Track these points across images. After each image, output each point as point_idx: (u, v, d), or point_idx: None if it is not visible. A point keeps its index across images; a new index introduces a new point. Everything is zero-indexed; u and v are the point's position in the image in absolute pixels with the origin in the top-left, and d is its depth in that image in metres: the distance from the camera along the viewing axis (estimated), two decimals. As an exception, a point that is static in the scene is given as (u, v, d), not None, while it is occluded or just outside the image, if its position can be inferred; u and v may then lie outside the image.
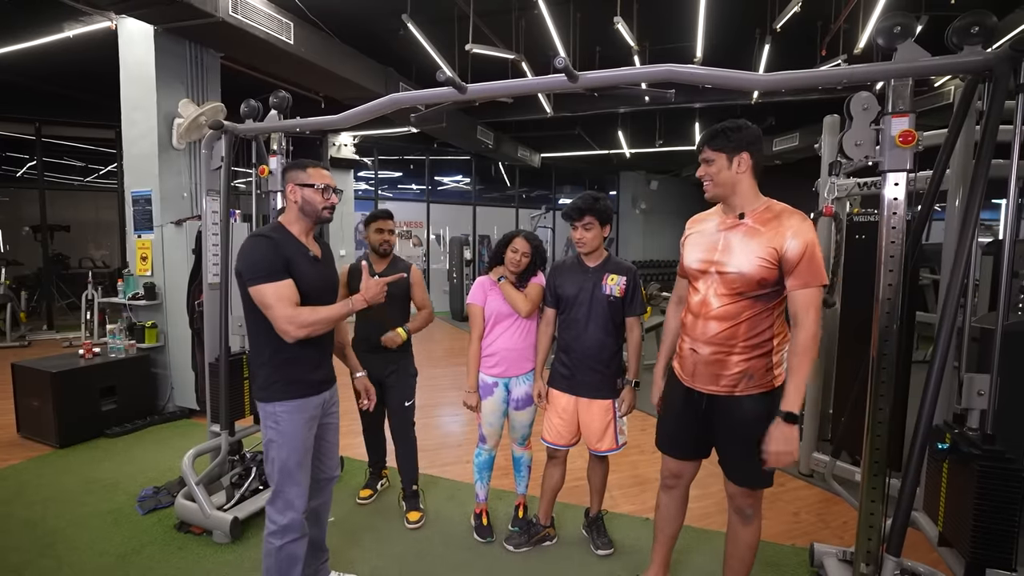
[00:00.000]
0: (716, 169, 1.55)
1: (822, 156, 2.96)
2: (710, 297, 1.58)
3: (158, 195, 3.98)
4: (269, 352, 1.63)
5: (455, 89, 1.92)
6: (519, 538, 2.30)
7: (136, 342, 3.89)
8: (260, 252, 1.57)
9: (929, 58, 1.51)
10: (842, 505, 2.65)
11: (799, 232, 1.45)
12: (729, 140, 1.52)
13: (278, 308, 1.54)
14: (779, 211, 1.53)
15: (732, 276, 1.52)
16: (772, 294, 1.53)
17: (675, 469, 1.81)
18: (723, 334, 1.55)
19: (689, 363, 1.65)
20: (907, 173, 1.56)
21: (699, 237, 1.66)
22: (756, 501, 1.68)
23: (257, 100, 2.56)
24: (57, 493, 2.75)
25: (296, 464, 1.65)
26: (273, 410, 1.63)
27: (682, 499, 1.87)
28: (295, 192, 1.67)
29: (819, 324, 1.46)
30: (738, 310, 1.53)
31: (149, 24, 3.81)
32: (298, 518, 1.66)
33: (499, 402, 2.29)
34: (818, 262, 1.45)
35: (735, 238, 1.55)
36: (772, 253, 1.47)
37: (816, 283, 1.45)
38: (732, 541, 1.76)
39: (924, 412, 1.42)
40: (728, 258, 1.54)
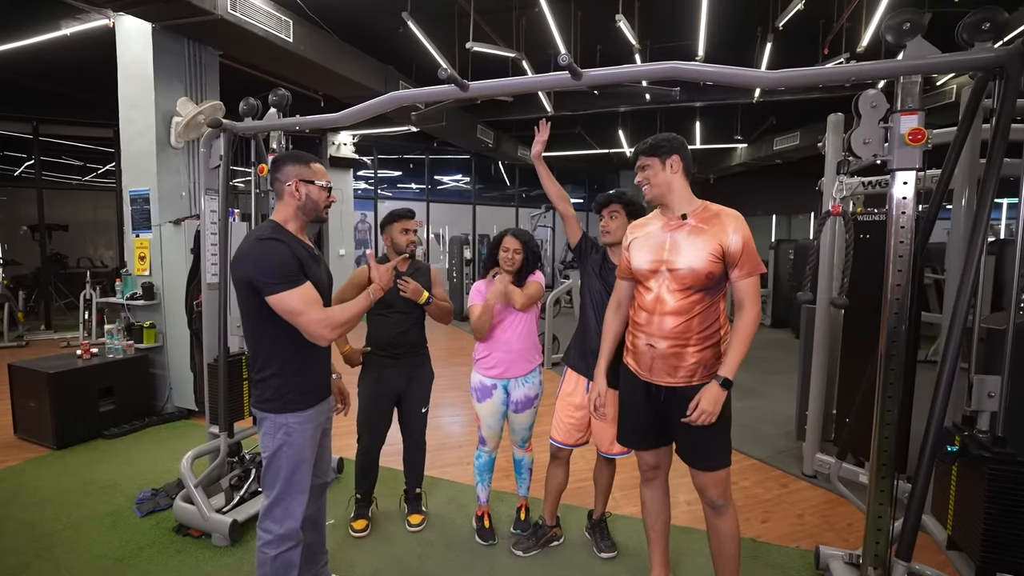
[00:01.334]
0: (652, 172, 1.70)
1: (826, 155, 2.94)
2: (663, 294, 1.67)
3: (156, 194, 3.95)
4: (280, 362, 1.57)
5: (457, 87, 1.90)
6: (527, 542, 2.27)
7: (134, 342, 3.86)
8: (276, 256, 1.48)
9: (939, 55, 1.48)
10: (847, 507, 2.63)
11: (738, 228, 1.62)
12: (659, 147, 1.69)
13: (311, 313, 1.48)
14: (717, 210, 1.67)
15: (683, 272, 1.63)
16: (717, 288, 1.65)
17: (651, 460, 1.87)
18: (679, 328, 1.64)
19: (646, 358, 1.71)
20: (916, 172, 1.54)
21: (644, 240, 1.75)
22: (724, 489, 1.72)
23: (256, 98, 2.54)
24: (54, 495, 2.73)
25: (303, 474, 1.61)
26: (285, 421, 1.57)
27: (663, 490, 1.92)
28: (299, 188, 1.60)
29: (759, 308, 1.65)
30: (690, 304, 1.63)
31: (147, 22, 3.78)
32: (295, 527, 1.62)
33: (498, 404, 2.27)
34: (755, 253, 1.63)
35: (681, 237, 1.66)
36: (717, 248, 1.60)
37: (758, 271, 1.62)
38: (714, 536, 1.79)
39: (935, 414, 1.40)
40: (677, 256, 1.65)
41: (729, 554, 1.76)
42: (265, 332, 1.55)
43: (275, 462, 1.59)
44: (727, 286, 1.68)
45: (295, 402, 1.59)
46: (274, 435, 1.58)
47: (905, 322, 1.59)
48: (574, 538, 2.36)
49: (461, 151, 10.24)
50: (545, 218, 10.55)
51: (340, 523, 2.46)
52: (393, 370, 2.32)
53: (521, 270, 2.23)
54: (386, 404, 2.34)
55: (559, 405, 2.18)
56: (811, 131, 8.04)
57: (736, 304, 1.65)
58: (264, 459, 1.62)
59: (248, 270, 1.49)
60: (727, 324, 1.70)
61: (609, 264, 2.11)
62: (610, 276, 2.07)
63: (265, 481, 1.62)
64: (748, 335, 1.61)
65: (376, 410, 2.33)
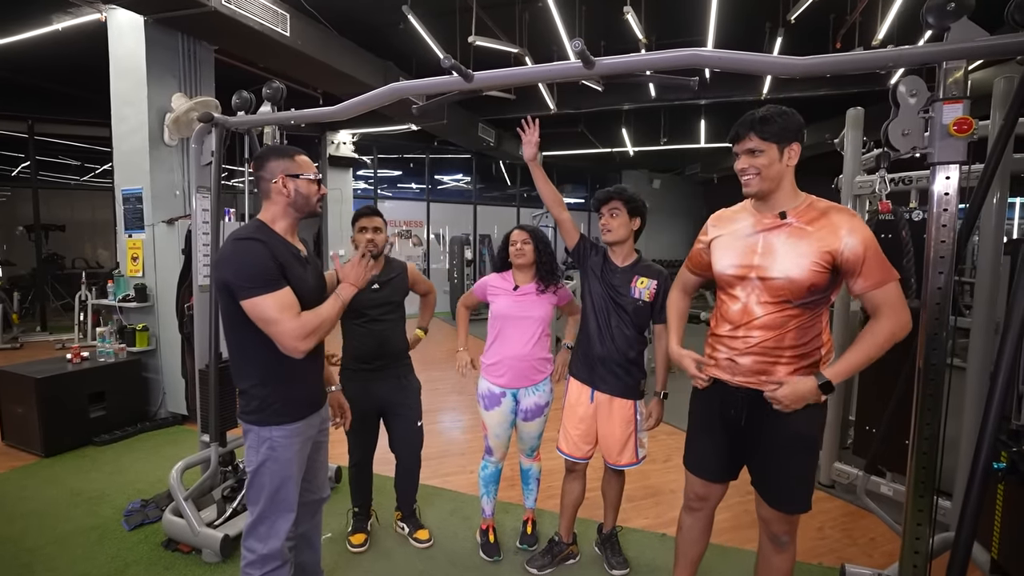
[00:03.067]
0: (767, 161, 1.37)
1: (844, 152, 2.82)
2: (752, 305, 1.43)
3: (149, 193, 3.84)
4: (262, 372, 1.46)
5: (461, 77, 1.78)
6: (542, 559, 2.14)
7: (127, 345, 3.75)
8: (252, 258, 1.36)
9: (987, 37, 1.36)
10: (869, 519, 2.51)
11: (855, 229, 1.33)
12: (782, 128, 1.36)
13: (284, 322, 1.35)
14: (825, 208, 1.39)
15: (778, 282, 1.38)
16: (822, 300, 1.41)
17: (702, 492, 1.67)
18: (768, 343, 1.41)
19: (727, 375, 1.51)
20: (960, 166, 1.41)
21: (731, 239, 1.50)
22: (792, 527, 1.55)
23: (250, 92, 2.42)
24: (40, 507, 2.61)
25: (289, 490, 1.50)
26: (269, 435, 1.46)
27: (707, 521, 1.74)
28: (286, 184, 1.47)
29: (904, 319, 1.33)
30: (785, 319, 1.39)
31: (139, 15, 3.66)
32: (279, 546, 1.50)
33: (507, 412, 2.15)
34: (883, 257, 1.34)
35: (778, 240, 1.40)
36: (826, 255, 1.34)
37: (892, 278, 1.33)
38: (764, 569, 1.62)
39: (987, 429, 1.28)
40: (771, 262, 1.40)
41: None
42: (246, 339, 1.43)
43: (258, 478, 1.48)
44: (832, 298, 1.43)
45: (280, 414, 1.47)
46: (258, 449, 1.47)
47: (946, 329, 1.46)
48: (584, 553, 2.24)
49: (462, 150, 10.12)
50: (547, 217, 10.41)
51: (338, 537, 2.34)
52: (377, 383, 2.16)
53: (538, 265, 2.12)
54: (372, 420, 2.21)
55: (565, 415, 2.06)
56: (818, 129, 7.91)
57: (871, 314, 1.37)
58: (248, 474, 1.51)
59: (224, 271, 1.38)
60: (831, 340, 1.47)
61: (611, 266, 1.98)
62: (612, 278, 1.96)
63: (249, 497, 1.52)
64: (877, 344, 1.31)
65: (362, 427, 2.17)
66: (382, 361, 2.16)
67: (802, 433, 1.43)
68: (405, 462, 2.30)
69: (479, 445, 2.28)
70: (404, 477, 2.33)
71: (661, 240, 12.50)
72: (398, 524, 2.39)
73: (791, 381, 1.37)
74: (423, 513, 2.48)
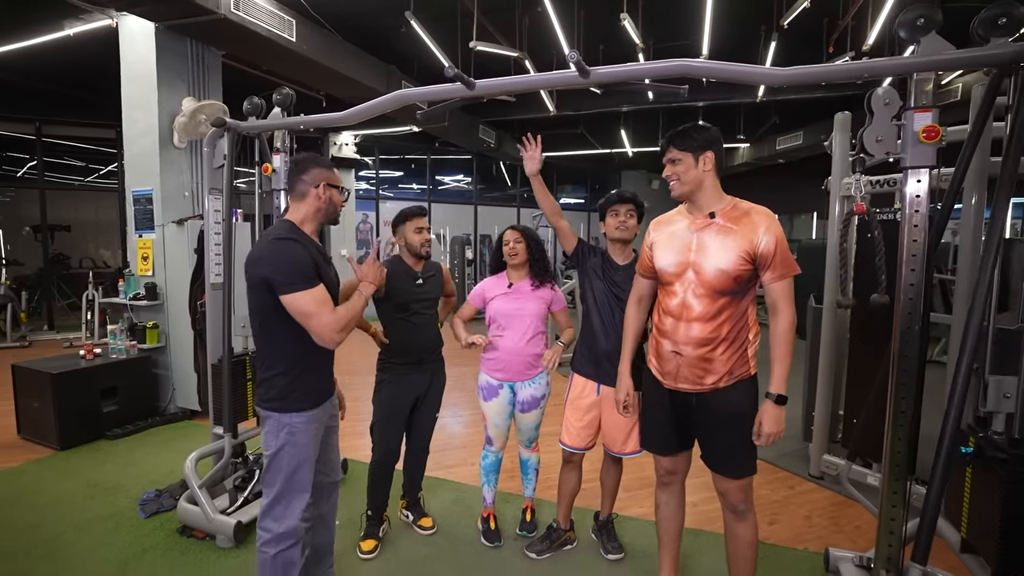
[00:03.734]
0: (683, 168, 1.60)
1: (833, 154, 2.92)
2: (690, 299, 1.60)
3: (159, 194, 3.95)
4: (288, 362, 1.58)
5: (463, 85, 1.88)
6: (541, 544, 2.25)
7: (137, 343, 3.86)
8: (295, 257, 1.50)
9: (953, 51, 1.46)
10: (855, 508, 2.61)
11: (770, 228, 1.54)
12: (694, 140, 1.59)
13: (322, 315, 1.49)
14: (747, 208, 1.59)
15: (711, 275, 1.56)
16: (747, 291, 1.59)
17: (669, 465, 1.83)
18: (708, 335, 1.58)
19: (672, 365, 1.65)
20: (930, 170, 1.52)
21: (670, 239, 1.67)
22: (747, 495, 1.68)
23: (260, 97, 2.53)
24: (58, 497, 2.72)
25: (305, 473, 1.61)
26: (289, 420, 1.58)
27: (680, 495, 1.88)
28: (324, 191, 1.63)
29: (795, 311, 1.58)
30: (718, 309, 1.57)
31: (150, 21, 3.77)
32: (294, 525, 1.61)
33: (504, 403, 2.25)
34: (789, 254, 1.55)
35: (709, 237, 1.58)
36: (748, 249, 1.53)
37: (791, 273, 1.55)
38: (732, 540, 1.76)
39: (951, 416, 1.38)
40: (704, 258, 1.57)
41: (746, 559, 1.73)
42: (277, 331, 1.56)
43: (277, 461, 1.59)
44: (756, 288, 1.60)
45: (300, 402, 1.59)
46: (277, 434, 1.58)
47: (919, 323, 1.56)
48: (581, 540, 2.34)
49: (462, 151, 10.22)
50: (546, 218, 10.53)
51: (345, 523, 2.44)
52: (416, 376, 2.25)
53: (531, 263, 2.23)
54: (406, 410, 2.27)
55: (568, 409, 2.15)
56: (814, 130, 8.01)
57: (769, 308, 1.58)
58: (266, 457, 1.62)
59: (265, 269, 1.50)
60: (756, 325, 1.64)
61: (612, 264, 2.09)
62: (614, 275, 2.06)
63: (266, 479, 1.62)
64: (789, 342, 1.55)
65: (397, 417, 2.25)
66: (422, 354, 2.26)
67: (741, 410, 1.61)
68: (416, 448, 2.40)
69: (480, 439, 2.38)
70: (413, 462, 2.43)
71: (660, 240, 12.57)
72: (403, 512, 2.49)
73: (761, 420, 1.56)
74: (426, 502, 2.58)
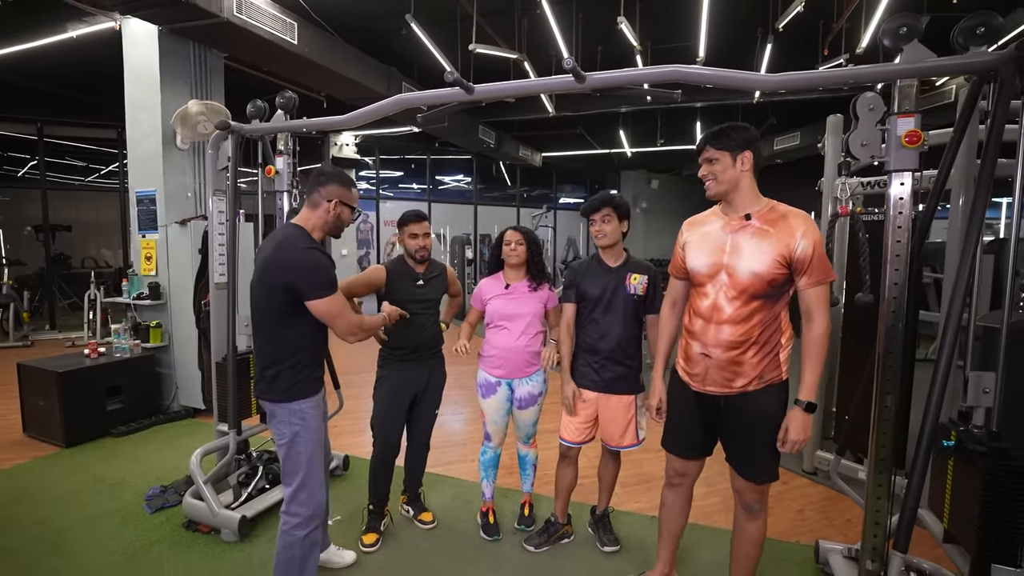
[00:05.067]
0: (720, 168, 1.58)
1: (825, 156, 2.97)
2: (721, 301, 1.58)
3: (162, 195, 3.99)
4: (295, 357, 1.71)
5: (463, 90, 1.94)
6: (539, 538, 2.30)
7: (141, 342, 3.90)
8: (323, 266, 1.66)
9: (935, 59, 1.52)
10: (846, 503, 2.67)
11: (808, 232, 1.51)
12: (732, 139, 1.58)
13: (346, 315, 1.69)
14: (784, 211, 1.58)
15: (744, 278, 1.54)
16: (780, 294, 1.57)
17: (681, 468, 1.83)
18: (737, 337, 1.56)
19: (700, 367, 1.64)
20: (913, 173, 1.57)
21: (703, 240, 1.65)
22: (763, 496, 1.70)
23: (263, 100, 2.58)
24: (64, 493, 2.77)
25: (320, 454, 1.76)
26: (299, 407, 1.71)
27: (687, 496, 1.90)
28: (336, 207, 1.75)
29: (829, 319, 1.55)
30: (750, 313, 1.55)
31: (153, 24, 3.82)
32: (321, 505, 1.76)
33: (502, 400, 2.30)
34: (826, 259, 1.53)
35: (744, 239, 1.57)
36: (783, 253, 1.51)
37: (827, 279, 1.53)
38: (739, 536, 1.78)
39: (931, 410, 1.43)
40: (738, 260, 1.56)
41: (749, 555, 1.76)
42: (289, 331, 1.69)
43: (295, 447, 1.71)
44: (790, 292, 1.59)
45: (306, 389, 1.73)
46: (290, 422, 1.70)
47: (902, 320, 1.62)
48: (578, 533, 2.40)
49: (462, 151, 10.27)
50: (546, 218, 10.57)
51: (345, 519, 2.50)
52: (415, 371, 2.31)
53: (529, 265, 2.28)
54: (405, 405, 2.33)
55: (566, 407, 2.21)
56: (811, 131, 8.07)
57: (804, 314, 1.55)
58: (282, 447, 1.72)
59: (295, 276, 1.62)
60: (789, 329, 1.62)
61: (604, 267, 2.11)
62: (608, 279, 2.09)
63: (286, 468, 1.73)
64: (822, 349, 1.53)
65: (396, 412, 2.30)
66: (420, 351, 2.31)
67: (770, 414, 1.61)
68: (416, 443, 2.45)
69: (479, 436, 2.43)
70: (413, 458, 2.48)
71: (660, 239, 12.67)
72: (403, 507, 2.54)
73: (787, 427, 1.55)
74: (427, 498, 2.63)
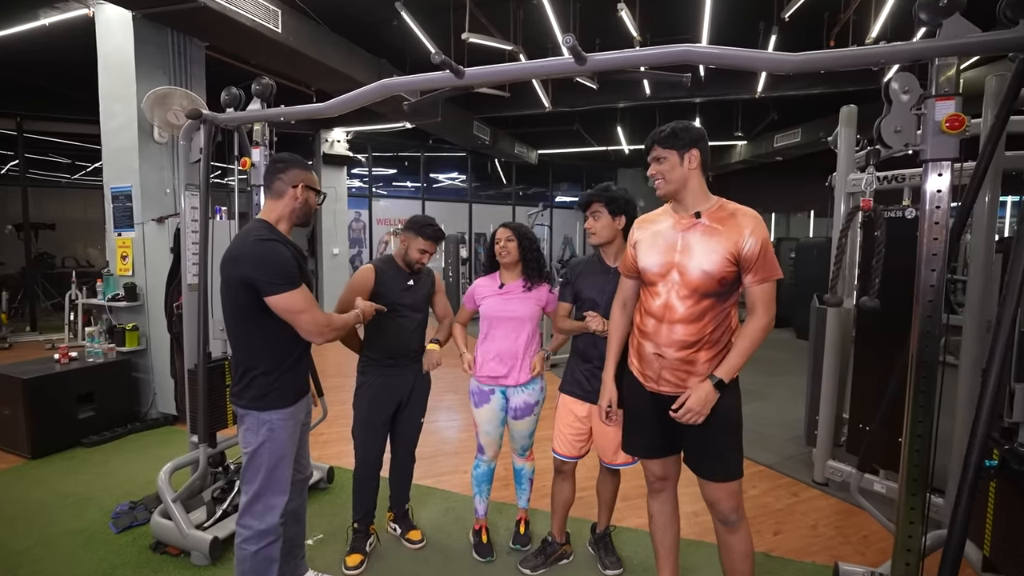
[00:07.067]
0: (668, 166, 1.56)
1: (838, 149, 2.82)
2: (673, 300, 1.55)
3: (139, 191, 3.79)
4: (269, 361, 1.60)
5: (452, 73, 1.76)
6: (536, 560, 2.13)
7: (116, 345, 3.71)
8: (281, 258, 1.53)
9: (979, 34, 1.35)
10: (862, 516, 2.52)
11: (756, 230, 1.49)
12: (679, 138, 1.55)
13: (311, 312, 1.55)
14: (733, 210, 1.55)
15: (695, 276, 1.51)
16: (730, 293, 1.54)
17: (659, 471, 1.74)
18: (690, 337, 1.53)
19: (654, 367, 1.59)
20: (952, 163, 1.41)
21: (654, 239, 1.61)
22: (737, 503, 1.61)
23: (239, 88, 2.39)
24: (26, 509, 2.57)
25: (284, 470, 1.63)
26: (268, 418, 1.60)
27: (672, 503, 1.79)
28: (302, 193, 1.64)
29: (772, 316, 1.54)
30: (702, 311, 1.52)
31: (127, 10, 3.62)
32: (275, 522, 1.63)
33: (496, 410, 2.14)
34: (773, 257, 1.52)
35: (694, 238, 1.54)
36: (732, 251, 1.49)
37: (774, 277, 1.51)
38: (726, 554, 1.67)
39: (980, 426, 1.27)
40: (689, 259, 1.53)
41: (743, 572, 1.65)
42: (256, 332, 1.58)
43: (256, 458, 1.60)
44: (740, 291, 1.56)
45: (279, 400, 1.61)
46: (257, 431, 1.60)
47: (939, 326, 1.46)
48: (577, 553, 2.23)
49: (457, 148, 10.09)
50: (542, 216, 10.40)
51: (328, 538, 2.32)
52: (398, 378, 2.16)
53: (524, 263, 2.11)
54: (387, 414, 2.17)
55: (559, 417, 2.05)
56: (813, 128, 7.94)
57: (748, 309, 1.55)
58: (245, 455, 1.62)
59: (248, 270, 1.51)
60: (739, 327, 1.59)
61: (603, 267, 1.98)
62: (606, 279, 1.94)
63: (245, 477, 1.62)
64: (754, 341, 1.52)
65: (378, 420, 2.15)
66: (404, 356, 2.16)
67: (724, 411, 1.55)
68: (401, 455, 2.29)
69: (472, 445, 2.27)
70: (399, 470, 2.31)
71: (656, 239, 12.51)
72: (390, 524, 2.37)
73: (690, 393, 1.50)
74: (416, 513, 2.46)
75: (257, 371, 1.59)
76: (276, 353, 1.60)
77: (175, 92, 3.58)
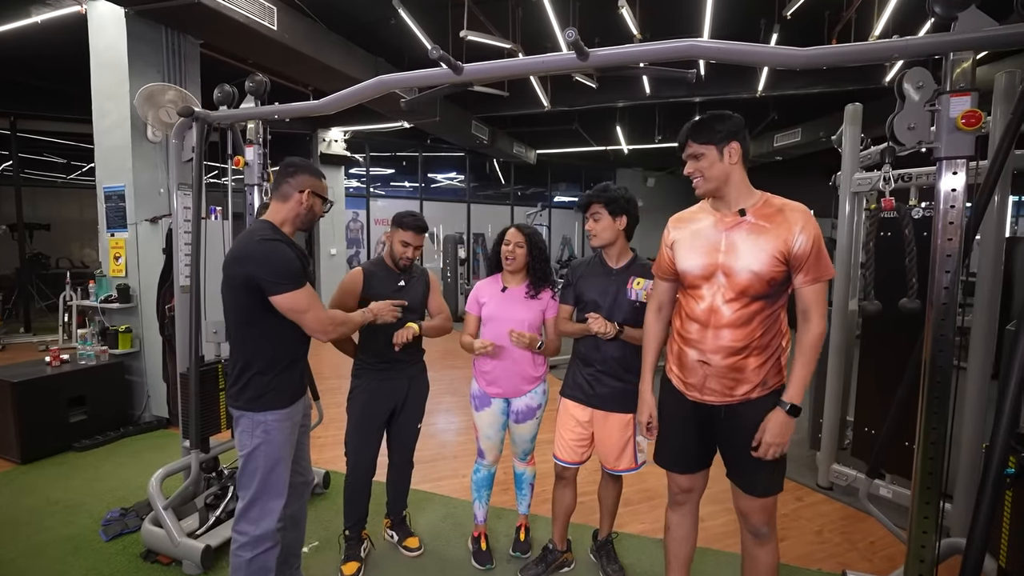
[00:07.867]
0: (707, 163, 1.44)
1: (843, 149, 2.77)
2: (719, 304, 1.45)
3: (132, 190, 3.72)
4: (267, 362, 1.58)
5: (450, 69, 1.71)
6: (536, 568, 2.07)
7: (109, 348, 3.64)
8: (285, 258, 1.53)
9: (997, 27, 1.31)
10: (868, 521, 2.47)
11: (806, 227, 1.39)
12: (716, 131, 1.44)
13: (316, 311, 1.56)
14: (780, 205, 1.44)
15: (742, 278, 1.41)
16: (779, 294, 1.45)
17: (685, 484, 1.66)
18: (739, 342, 1.43)
19: (698, 375, 1.50)
20: (968, 161, 1.36)
21: (694, 239, 1.51)
22: (771, 517, 1.53)
23: (232, 85, 2.34)
24: (14, 516, 2.51)
25: (280, 473, 1.60)
26: (264, 419, 1.57)
27: (693, 515, 1.72)
28: (308, 198, 1.65)
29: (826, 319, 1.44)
30: (750, 315, 1.42)
31: (120, 6, 3.55)
32: (272, 528, 1.59)
33: (497, 414, 2.09)
34: (826, 256, 1.41)
35: (739, 237, 1.43)
36: (781, 250, 1.39)
37: (826, 277, 1.41)
38: (750, 566, 1.59)
39: (1000, 433, 1.23)
40: (734, 259, 1.42)
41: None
42: (257, 331, 1.57)
43: (252, 461, 1.57)
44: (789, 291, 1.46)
45: (275, 400, 1.59)
46: (252, 433, 1.57)
47: (953, 330, 1.41)
48: (579, 560, 2.18)
49: (455, 148, 10.03)
50: (541, 216, 10.37)
51: (323, 545, 2.27)
52: (393, 382, 2.10)
53: (530, 268, 2.05)
54: (381, 419, 2.11)
55: (560, 421, 2.00)
56: (813, 127, 7.90)
57: (800, 314, 1.43)
58: (240, 458, 1.59)
59: (252, 269, 1.50)
60: (788, 331, 1.50)
61: (605, 269, 1.92)
62: (608, 282, 1.89)
63: (241, 481, 1.59)
64: (815, 352, 1.41)
65: (371, 426, 2.09)
66: (399, 361, 2.09)
67: None
68: (398, 461, 2.22)
69: (472, 448, 2.22)
70: (396, 476, 2.25)
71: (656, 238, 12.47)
72: (387, 531, 2.31)
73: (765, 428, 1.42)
74: (413, 519, 2.41)
75: (253, 371, 1.57)
76: (274, 354, 1.59)
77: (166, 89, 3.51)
